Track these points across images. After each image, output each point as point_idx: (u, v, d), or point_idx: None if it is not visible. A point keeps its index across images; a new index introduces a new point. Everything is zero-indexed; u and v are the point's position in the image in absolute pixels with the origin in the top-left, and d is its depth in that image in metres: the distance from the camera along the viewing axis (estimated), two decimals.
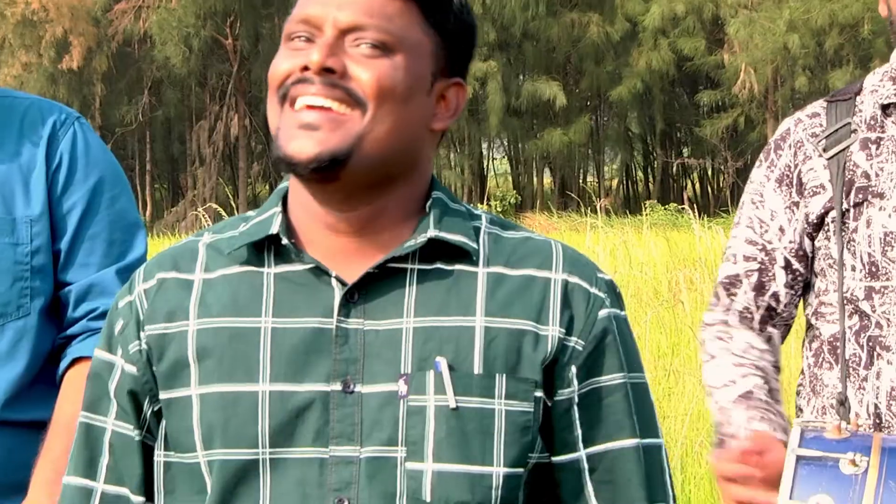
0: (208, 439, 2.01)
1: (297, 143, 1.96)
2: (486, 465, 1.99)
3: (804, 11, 42.61)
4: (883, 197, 2.87)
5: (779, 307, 3.02)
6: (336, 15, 1.99)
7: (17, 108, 2.97)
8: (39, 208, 2.91)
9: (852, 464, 2.52)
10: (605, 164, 56.98)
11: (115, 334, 2.11)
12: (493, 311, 2.03)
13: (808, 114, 3.03)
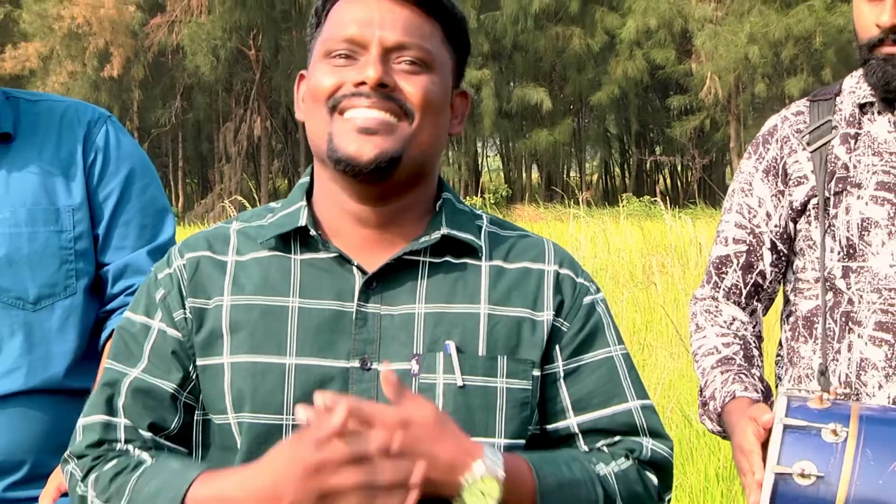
0: (238, 404, 2.02)
1: (356, 145, 2.00)
2: (490, 437, 2.01)
3: (763, 25, 42.60)
4: (860, 186, 2.88)
5: (765, 284, 3.04)
6: (382, 35, 2.03)
7: (57, 111, 2.97)
8: (79, 198, 2.91)
9: (833, 433, 2.49)
10: (586, 161, 57.04)
11: (155, 301, 2.12)
12: (495, 300, 2.07)
13: (793, 112, 3.05)
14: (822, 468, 2.47)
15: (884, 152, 2.91)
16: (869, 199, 2.90)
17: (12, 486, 2.84)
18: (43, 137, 2.94)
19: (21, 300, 2.86)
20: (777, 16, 42.94)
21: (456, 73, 2.15)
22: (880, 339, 2.88)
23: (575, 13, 46.78)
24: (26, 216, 2.86)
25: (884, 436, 2.51)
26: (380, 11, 2.05)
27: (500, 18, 45.89)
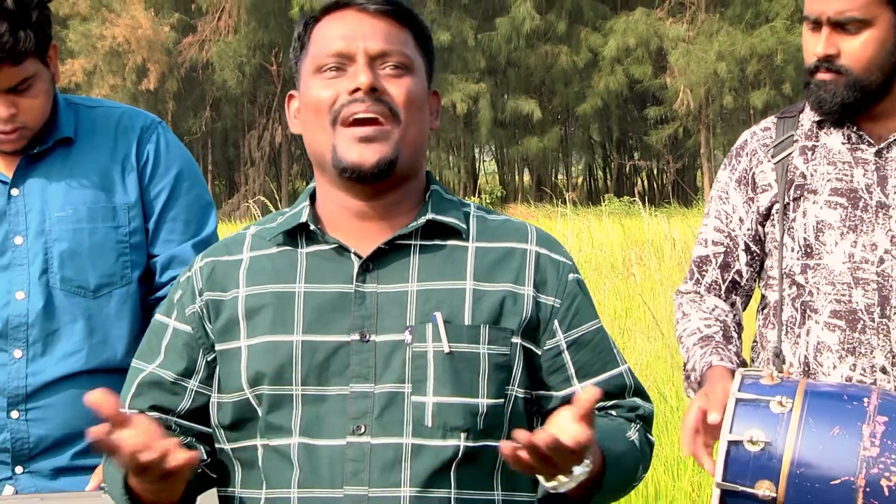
0: (255, 379, 2.05)
1: (359, 152, 2.04)
2: (474, 397, 2.04)
3: (730, 44, 42.40)
4: (816, 193, 2.90)
5: (742, 281, 3.06)
6: (366, 45, 2.06)
7: (113, 116, 2.98)
8: (134, 196, 2.92)
9: (780, 404, 2.53)
10: (572, 165, 56.79)
11: (174, 301, 2.17)
12: (480, 276, 2.10)
13: (761, 128, 3.07)
14: (769, 436, 2.51)
15: (837, 162, 2.93)
16: (823, 204, 2.92)
17: (77, 455, 2.85)
18: (100, 141, 2.94)
19: (83, 289, 2.87)
20: (742, 35, 42.74)
21: (428, 74, 2.18)
22: (834, 324, 2.90)
23: (562, 33, 46.54)
24: (87, 213, 2.86)
25: (826, 406, 2.54)
26: (360, 25, 2.09)
27: (495, 38, 45.65)
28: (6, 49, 2.66)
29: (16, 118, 2.78)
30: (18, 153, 2.88)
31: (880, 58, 2.85)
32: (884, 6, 2.82)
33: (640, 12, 44.99)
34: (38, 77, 2.79)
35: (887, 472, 2.45)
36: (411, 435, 2.02)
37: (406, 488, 2.00)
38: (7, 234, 2.87)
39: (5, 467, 2.87)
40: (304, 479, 2.02)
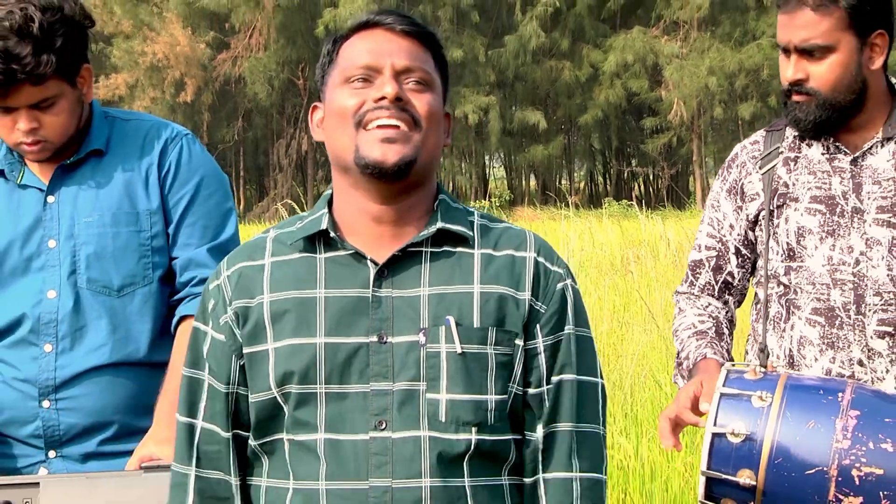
0: (282, 379, 2.04)
1: (381, 151, 2.03)
2: (484, 394, 2.04)
3: (720, 60, 42.56)
4: (797, 200, 2.90)
5: (733, 282, 3.07)
6: (392, 60, 2.07)
7: (142, 129, 2.98)
8: (156, 203, 2.91)
9: (760, 399, 2.54)
10: (575, 171, 56.93)
11: (208, 310, 2.15)
12: (486, 281, 2.08)
13: (751, 141, 3.07)
14: (749, 428, 2.52)
15: (817, 171, 2.93)
16: (804, 211, 2.92)
17: (104, 442, 2.85)
18: (128, 151, 2.94)
19: (107, 288, 2.87)
20: (731, 52, 42.88)
21: (444, 95, 2.18)
22: (814, 321, 2.90)
23: (565, 49, 46.71)
24: (111, 219, 2.87)
25: (803, 401, 2.55)
26: (388, 43, 2.09)
27: (503, 54, 45.82)
28: (26, 70, 2.69)
29: (37, 132, 2.79)
30: (54, 162, 2.90)
31: (846, 79, 2.85)
32: (845, 32, 2.82)
33: (637, 31, 45.13)
34: (62, 96, 2.80)
35: (858, 462, 2.47)
36: (428, 429, 2.02)
37: (426, 479, 2.01)
38: (42, 238, 2.88)
39: (39, 452, 2.87)
40: (332, 473, 2.02)
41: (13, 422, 2.86)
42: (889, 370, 2.85)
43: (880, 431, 2.48)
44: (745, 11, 44.70)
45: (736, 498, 2.57)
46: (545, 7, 45.37)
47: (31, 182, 2.90)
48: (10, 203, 2.90)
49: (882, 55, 2.87)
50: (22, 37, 2.68)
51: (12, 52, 2.67)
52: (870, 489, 2.46)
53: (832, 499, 2.48)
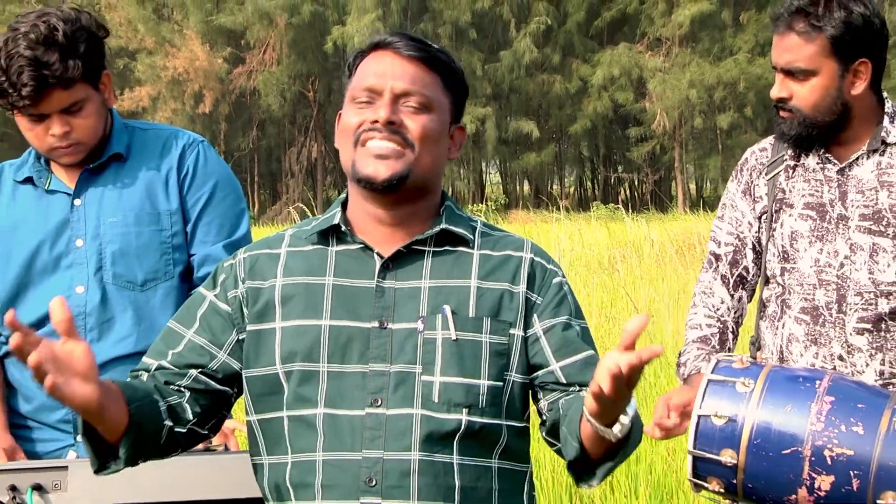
0: (286, 357, 2.06)
1: (373, 167, 2.06)
2: (476, 379, 2.05)
3: (700, 74, 42.56)
4: (792, 206, 2.92)
5: (748, 276, 3.07)
6: (393, 84, 2.08)
7: (161, 137, 3.00)
8: (175, 204, 2.92)
9: (743, 384, 2.56)
10: (565, 176, 56.94)
11: (218, 282, 2.17)
12: (483, 276, 2.10)
13: (760, 147, 3.09)
14: (732, 411, 2.54)
15: (811, 179, 2.94)
16: (797, 216, 2.94)
17: None
18: (148, 158, 2.95)
19: (131, 283, 2.88)
20: (710, 67, 42.89)
21: (454, 111, 2.18)
22: (801, 319, 2.92)
23: (556, 64, 46.69)
24: (134, 219, 2.88)
25: (782, 387, 2.57)
26: (392, 66, 2.10)
27: (499, 68, 45.83)
28: (56, 76, 2.71)
29: (70, 135, 2.81)
30: (78, 168, 2.91)
31: (825, 101, 2.86)
32: (827, 58, 2.83)
33: (623, 47, 45.13)
34: (89, 100, 2.83)
35: (830, 444, 2.49)
36: (420, 408, 2.03)
37: (415, 453, 2.01)
38: (70, 238, 2.89)
39: (68, 436, 2.88)
40: (328, 444, 2.03)
41: (43, 409, 2.87)
42: (869, 364, 2.86)
43: (852, 416, 2.49)
44: (723, 29, 44.73)
45: (720, 476, 2.58)
46: (538, 24, 45.42)
47: (58, 187, 2.92)
48: (40, 207, 2.91)
49: (864, 81, 2.86)
50: (49, 45, 2.70)
51: (42, 59, 2.69)
52: (841, 468, 2.47)
53: (806, 477, 2.49)
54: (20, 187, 2.95)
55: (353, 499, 2.00)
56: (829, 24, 2.80)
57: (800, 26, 2.81)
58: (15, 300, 2.89)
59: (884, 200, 2.87)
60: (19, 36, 2.70)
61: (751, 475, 2.54)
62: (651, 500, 5.48)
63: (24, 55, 2.68)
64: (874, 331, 2.87)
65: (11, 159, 3.04)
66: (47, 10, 2.78)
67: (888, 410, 2.50)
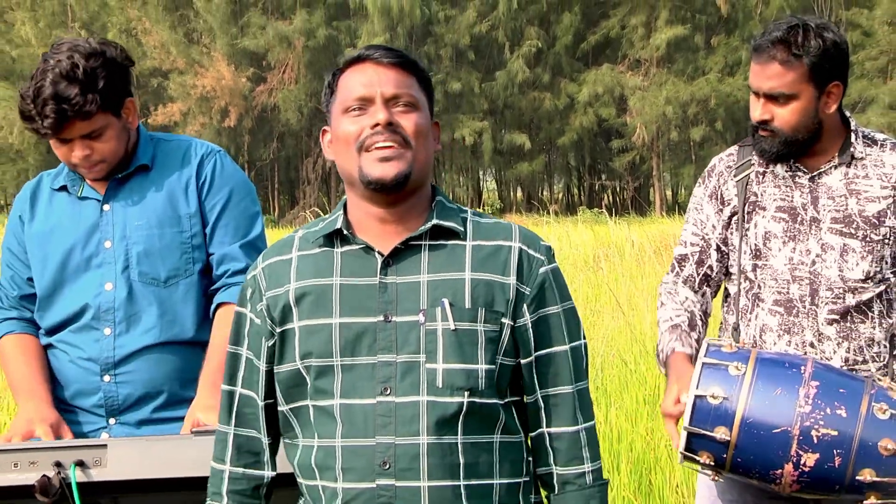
0: (304, 354, 2.05)
1: (381, 169, 2.04)
2: (474, 364, 2.04)
3: (675, 92, 42.64)
4: (765, 209, 2.92)
5: (712, 275, 3.06)
6: (382, 90, 2.07)
7: (182, 148, 3.00)
8: (195, 208, 2.92)
9: (736, 368, 2.59)
10: (554, 184, 56.94)
11: (247, 297, 2.17)
12: (476, 268, 2.08)
13: (727, 154, 3.08)
14: (726, 392, 2.57)
15: (781, 185, 2.95)
16: (770, 218, 2.94)
17: (156, 410, 2.86)
18: (171, 166, 2.96)
19: (156, 280, 2.88)
20: (685, 85, 42.96)
21: (430, 109, 2.16)
22: (775, 311, 2.93)
23: (546, 82, 46.70)
24: (157, 222, 2.88)
25: (772, 372, 2.59)
26: (377, 74, 2.09)
27: (495, 86, 45.86)
28: (75, 109, 2.72)
29: (91, 157, 2.82)
30: (107, 178, 2.92)
31: (804, 121, 2.87)
32: (807, 83, 2.84)
33: (606, 67, 45.19)
34: (109, 126, 2.82)
35: (817, 424, 2.52)
36: (426, 394, 2.02)
37: (424, 436, 2.01)
38: (100, 240, 2.89)
39: (101, 419, 2.89)
40: (346, 432, 2.03)
41: (79, 394, 2.87)
42: (836, 352, 2.89)
43: (836, 399, 2.53)
44: (696, 51, 44.78)
45: (711, 451, 2.61)
46: (529, 47, 45.45)
47: (90, 194, 2.92)
48: (73, 212, 2.92)
49: (837, 101, 2.89)
50: (70, 81, 2.71)
51: (63, 94, 2.70)
52: (825, 447, 2.51)
53: (793, 454, 2.53)
54: (56, 194, 2.96)
55: (369, 480, 2.01)
56: (808, 52, 2.80)
57: (781, 56, 2.81)
58: (52, 296, 2.90)
59: (853, 207, 2.90)
60: (48, 69, 2.73)
61: (741, 450, 2.57)
62: (632, 474, 5.47)
63: (48, 90, 2.70)
64: (842, 322, 2.89)
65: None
66: (77, 44, 2.79)
67: (867, 396, 2.55)
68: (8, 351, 2.91)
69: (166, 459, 2.34)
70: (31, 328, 2.95)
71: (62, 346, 2.89)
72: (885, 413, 2.53)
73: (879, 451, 2.50)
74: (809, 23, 2.85)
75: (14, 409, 6.13)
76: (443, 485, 2.01)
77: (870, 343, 2.91)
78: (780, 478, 2.57)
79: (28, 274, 2.96)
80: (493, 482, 2.07)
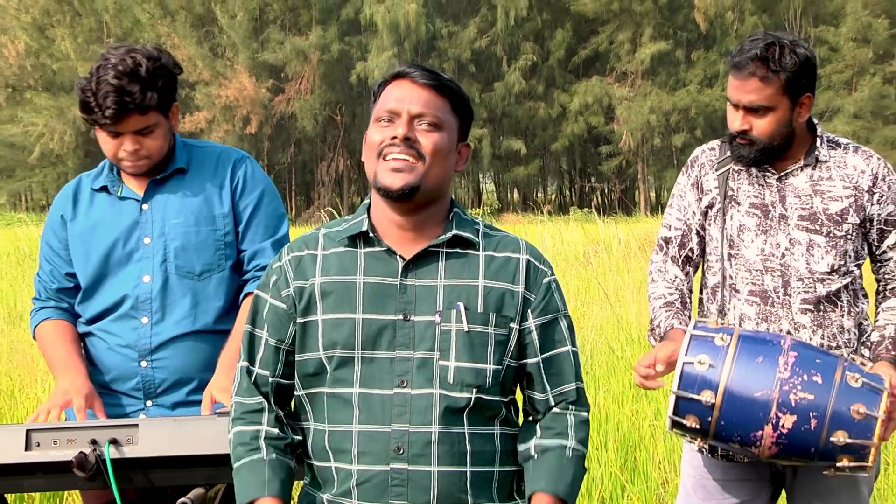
0: (327, 345, 2.04)
1: (390, 178, 2.03)
2: (483, 364, 2.04)
3: (658, 102, 42.62)
4: (739, 204, 2.91)
5: (693, 256, 3.06)
6: (409, 107, 2.06)
7: (215, 153, 3.00)
8: (227, 208, 2.92)
9: (721, 339, 2.61)
10: (548, 186, 56.88)
11: (270, 284, 2.14)
12: (489, 276, 2.08)
13: (709, 147, 3.07)
14: (713, 360, 2.59)
15: (754, 183, 2.95)
16: (744, 213, 2.93)
17: (189, 393, 2.86)
18: (205, 170, 2.95)
19: (190, 273, 2.87)
20: (667, 96, 42.94)
21: (461, 131, 2.15)
22: (752, 300, 2.92)
23: (541, 93, 46.68)
24: (193, 220, 2.87)
25: (753, 343, 2.62)
26: (409, 93, 2.08)
27: (493, 96, 45.82)
28: (136, 103, 2.73)
29: (139, 152, 2.82)
30: (145, 179, 2.92)
31: (780, 130, 2.87)
32: (783, 96, 2.84)
33: (595, 79, 45.17)
34: (159, 125, 2.83)
35: (794, 389, 2.54)
36: (439, 387, 2.03)
37: (435, 426, 2.02)
38: (139, 236, 2.89)
39: (139, 402, 2.89)
40: (363, 419, 2.03)
41: (118, 378, 2.88)
42: (812, 338, 2.89)
43: (812, 368, 2.56)
44: (678, 65, 44.73)
45: (697, 414, 2.62)
46: (525, 61, 45.42)
47: (129, 194, 2.92)
48: (114, 211, 2.92)
49: (808, 111, 2.90)
50: (132, 77, 2.72)
51: (125, 89, 2.71)
52: (802, 410, 2.53)
53: (773, 416, 2.54)
54: (96, 195, 2.95)
55: (383, 464, 2.01)
56: (784, 69, 2.81)
57: (761, 72, 2.81)
58: (94, 288, 2.90)
59: (818, 205, 2.90)
60: (109, 66, 2.72)
61: (725, 412, 2.58)
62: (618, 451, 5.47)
63: (111, 83, 2.70)
64: (815, 311, 2.90)
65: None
66: (135, 47, 2.79)
67: (840, 367, 2.58)
68: (46, 334, 2.92)
69: (192, 438, 2.35)
70: (66, 315, 2.96)
71: (102, 335, 2.90)
72: (857, 381, 2.56)
73: (852, 414, 2.52)
74: (784, 39, 2.85)
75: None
76: (451, 470, 2.02)
77: (841, 330, 2.92)
78: (760, 440, 2.57)
79: (66, 269, 2.96)
80: (493, 470, 2.08)
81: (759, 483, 3.00)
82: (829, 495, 2.93)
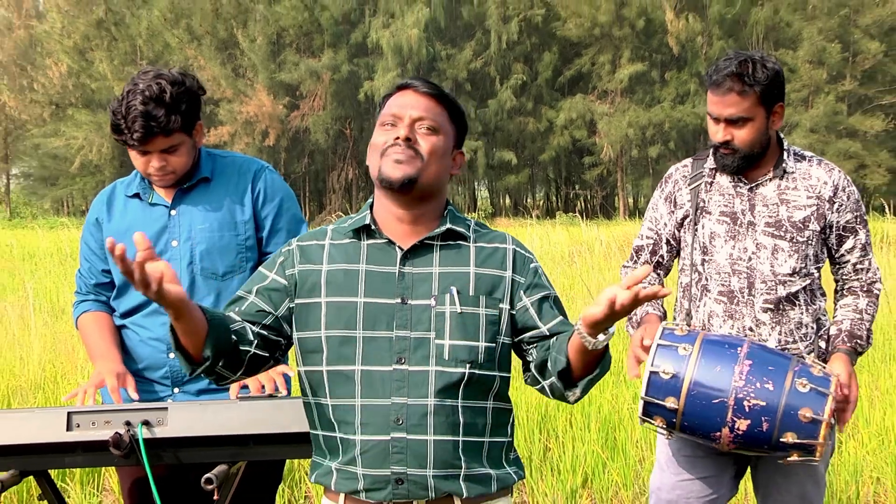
0: (329, 325, 2.03)
1: (392, 169, 2.03)
2: (476, 341, 2.03)
3: (636, 117, 42.57)
4: (710, 213, 2.92)
5: (664, 262, 3.06)
6: (411, 112, 2.06)
7: (237, 163, 2.98)
8: (249, 215, 2.91)
9: (684, 349, 2.60)
10: (537, 193, 56.85)
11: (276, 263, 2.13)
12: (479, 264, 2.08)
13: (682, 164, 3.07)
14: (675, 369, 2.59)
15: (725, 194, 2.96)
16: (715, 221, 2.94)
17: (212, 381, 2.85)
18: (228, 179, 2.93)
19: (215, 274, 2.87)
20: (643, 112, 42.88)
21: (457, 139, 2.15)
22: (720, 300, 2.93)
23: (530, 109, 46.63)
24: (217, 226, 2.87)
25: (713, 352, 2.61)
26: (411, 100, 2.09)
27: (487, 112, 45.78)
28: (161, 126, 2.72)
29: (165, 168, 2.82)
30: (174, 187, 2.92)
31: (758, 139, 2.88)
32: (759, 107, 2.85)
33: (579, 96, 45.12)
34: (183, 144, 2.82)
35: (748, 396, 2.55)
36: (435, 364, 2.02)
37: (431, 399, 2.01)
38: (168, 240, 2.89)
39: (167, 388, 2.90)
40: (365, 393, 2.02)
41: (149, 368, 2.89)
42: (770, 335, 2.91)
43: (765, 375, 2.56)
44: (653, 84, 44.67)
45: (663, 416, 2.63)
46: (516, 80, 45.37)
47: (159, 201, 2.92)
48: (145, 216, 2.92)
49: (781, 119, 2.91)
50: (158, 103, 2.71)
51: (151, 113, 2.70)
52: (755, 415, 2.54)
53: (729, 420, 2.55)
54: (129, 200, 2.95)
55: (384, 434, 2.01)
56: (758, 82, 2.81)
57: (738, 87, 2.81)
58: (127, 286, 2.90)
59: (783, 213, 2.91)
60: (137, 91, 2.71)
61: (687, 416, 2.60)
62: (600, 431, 5.47)
63: (138, 108, 2.69)
64: (775, 310, 2.90)
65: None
66: (162, 72, 2.77)
67: (790, 372, 2.58)
68: (87, 324, 2.92)
69: (217, 420, 2.35)
70: (105, 308, 2.96)
71: (135, 328, 2.90)
72: (805, 387, 2.56)
73: (799, 418, 2.54)
74: (754, 56, 2.86)
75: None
76: (445, 439, 2.02)
77: (798, 326, 2.93)
78: (719, 439, 2.60)
79: (102, 266, 2.96)
80: (484, 440, 2.08)
81: (726, 459, 3.02)
82: (788, 471, 2.96)
